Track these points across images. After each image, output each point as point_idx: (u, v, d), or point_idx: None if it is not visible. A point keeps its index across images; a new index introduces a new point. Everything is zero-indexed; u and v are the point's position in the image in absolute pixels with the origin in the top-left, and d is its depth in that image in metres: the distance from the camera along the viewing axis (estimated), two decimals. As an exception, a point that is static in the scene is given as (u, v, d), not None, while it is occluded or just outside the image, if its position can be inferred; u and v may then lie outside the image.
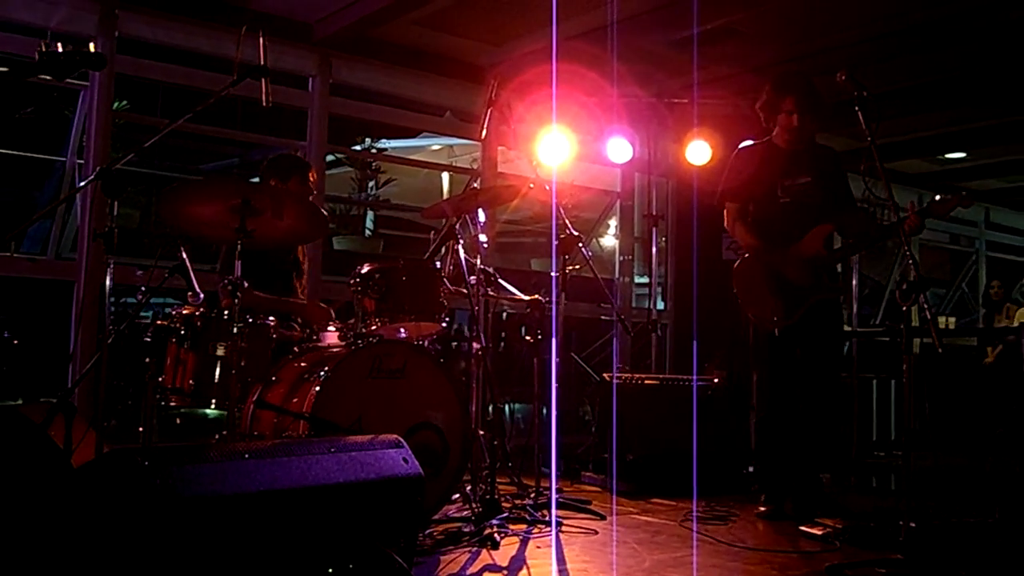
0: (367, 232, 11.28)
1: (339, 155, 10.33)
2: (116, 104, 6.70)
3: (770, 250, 4.92)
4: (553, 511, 4.62)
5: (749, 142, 5.20)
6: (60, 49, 3.52)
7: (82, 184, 4.26)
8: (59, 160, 7.44)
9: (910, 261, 3.89)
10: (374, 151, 10.74)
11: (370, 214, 11.57)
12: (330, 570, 2.66)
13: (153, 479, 2.28)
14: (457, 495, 4.59)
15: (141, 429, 5.09)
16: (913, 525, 3.82)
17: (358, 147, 10.55)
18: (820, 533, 4.43)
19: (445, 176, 11.60)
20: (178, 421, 7.03)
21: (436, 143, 11.07)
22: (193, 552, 2.35)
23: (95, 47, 3.64)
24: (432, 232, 8.31)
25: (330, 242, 9.52)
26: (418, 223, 12.01)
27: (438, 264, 4.67)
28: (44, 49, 3.51)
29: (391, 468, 2.90)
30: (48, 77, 3.66)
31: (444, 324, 4.57)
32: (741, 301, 5.03)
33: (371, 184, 11.19)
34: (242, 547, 2.46)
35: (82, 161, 6.42)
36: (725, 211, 5.13)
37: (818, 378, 4.91)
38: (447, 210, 4.92)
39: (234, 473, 2.47)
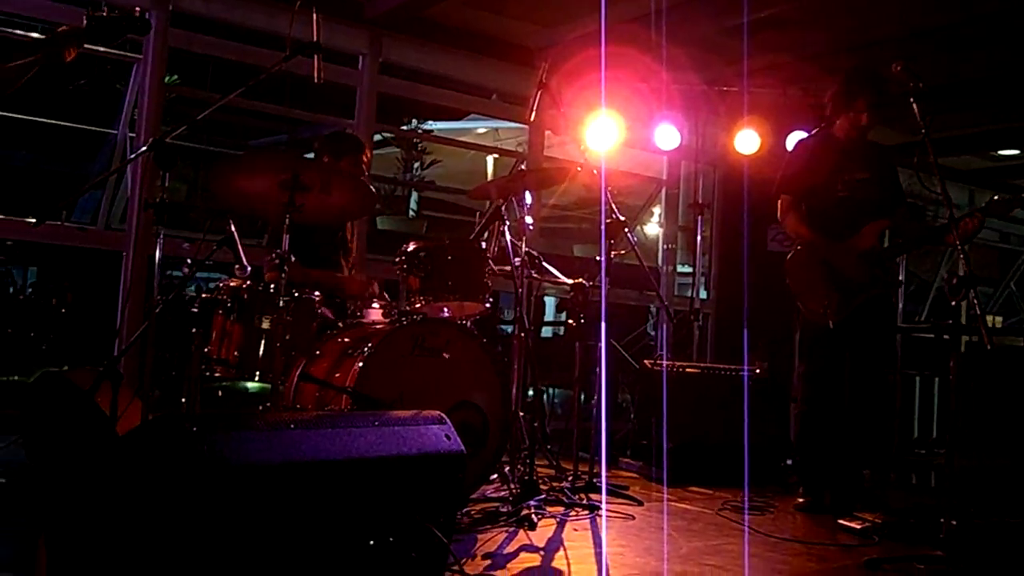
0: (411, 213, 11.32)
1: (385, 135, 10.34)
2: (168, 78, 6.75)
3: (826, 243, 4.88)
4: (604, 495, 4.65)
5: (803, 135, 5.15)
6: (106, 14, 3.56)
7: (134, 155, 4.31)
8: (111, 132, 7.53)
9: (961, 257, 3.84)
10: (420, 132, 10.76)
11: (414, 195, 11.61)
12: (371, 542, 2.68)
13: (200, 445, 2.30)
14: (495, 475, 4.61)
15: (184, 399, 5.16)
16: (954, 523, 3.78)
17: (405, 127, 10.56)
18: (859, 527, 4.39)
19: (490, 159, 11.61)
20: (220, 394, 7.10)
21: (482, 126, 11.07)
22: (236, 519, 2.37)
23: (141, 12, 3.69)
24: (478, 214, 8.34)
25: (373, 222, 9.56)
26: (461, 205, 12.05)
27: (483, 245, 4.68)
28: (92, 14, 3.55)
29: (433, 444, 2.91)
30: (100, 48, 3.70)
31: (488, 305, 4.58)
32: (793, 293, 4.99)
33: (416, 165, 11.22)
34: (285, 516, 2.48)
35: (133, 134, 6.48)
36: (779, 202, 5.08)
37: (865, 374, 4.87)
38: (493, 191, 4.92)
39: (279, 442, 2.49)
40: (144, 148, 4.15)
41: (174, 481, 2.33)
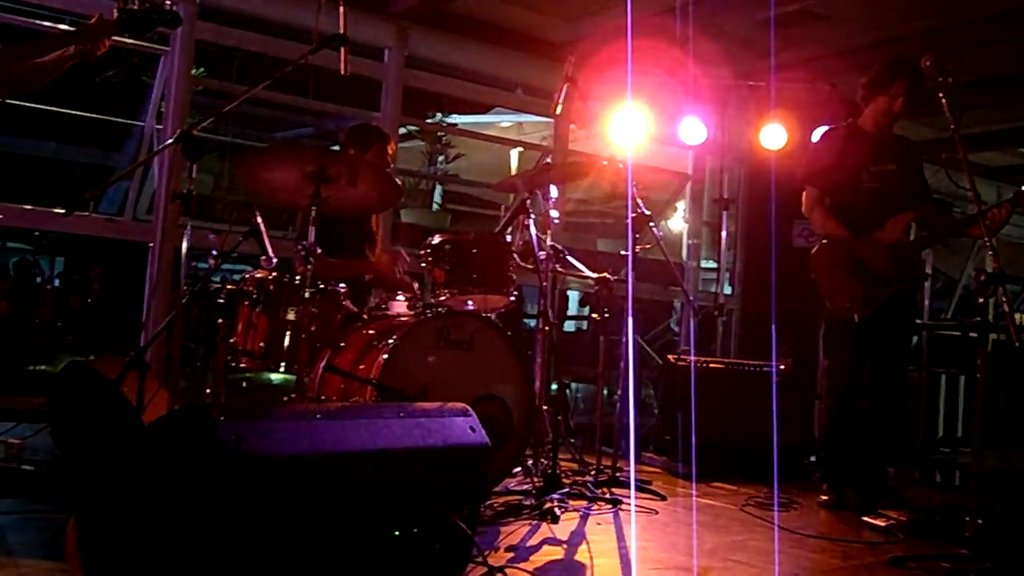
0: (435, 206, 11.33)
1: (410, 128, 10.36)
2: (194, 70, 6.78)
3: (851, 237, 4.84)
4: (632, 490, 4.67)
5: (829, 126, 5.11)
6: (137, 7, 3.59)
7: (162, 147, 4.34)
8: (138, 124, 7.58)
9: (990, 252, 3.80)
10: (445, 125, 10.76)
11: (438, 188, 11.62)
12: (396, 533, 2.69)
13: (226, 435, 2.31)
14: (518, 468, 4.61)
15: (209, 390, 5.19)
16: (980, 522, 3.76)
17: (429, 120, 10.57)
18: (883, 524, 4.38)
19: (514, 153, 11.60)
20: (244, 385, 7.14)
21: (506, 120, 11.06)
22: (261, 509, 2.38)
23: (171, 6, 3.71)
24: (502, 208, 8.34)
25: (397, 215, 9.58)
26: (485, 199, 12.05)
27: (508, 238, 4.68)
28: (123, 6, 3.58)
29: (458, 436, 2.92)
30: (128, 40, 3.72)
31: (512, 298, 4.58)
32: (819, 287, 4.96)
33: (440, 158, 11.23)
34: (309, 507, 2.49)
35: (160, 126, 6.52)
36: (805, 194, 5.05)
37: (889, 369, 4.84)
38: (519, 185, 4.92)
39: (305, 433, 2.49)
40: (171, 140, 4.18)
41: (200, 471, 2.35)
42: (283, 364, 4.26)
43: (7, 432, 4.59)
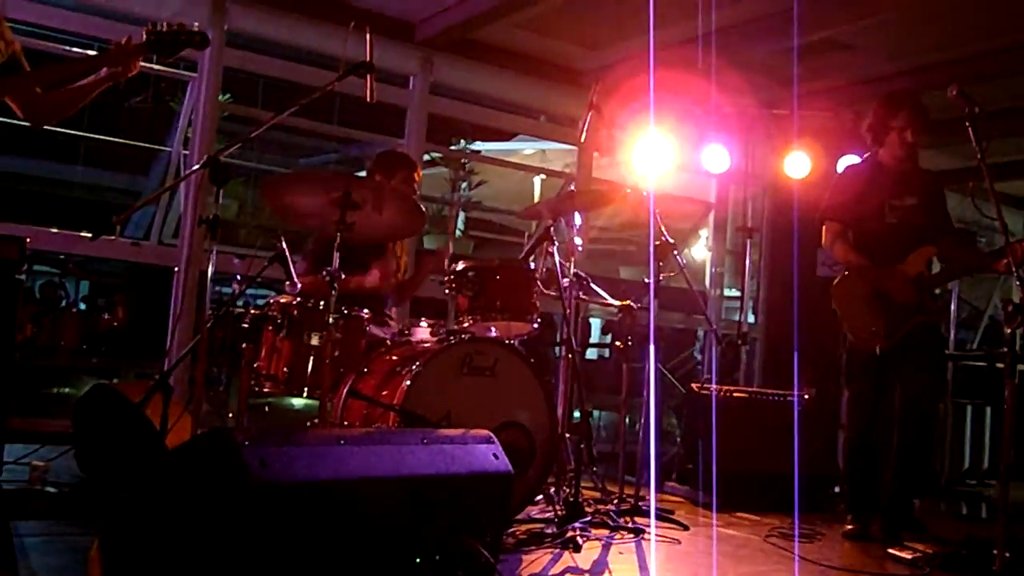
0: (458, 233, 11.36)
1: (433, 154, 10.42)
2: (220, 96, 6.85)
3: (874, 269, 4.82)
4: (652, 519, 4.62)
5: (854, 159, 5.10)
6: (165, 28, 3.63)
7: (189, 172, 4.38)
8: (164, 149, 7.66)
9: (1017, 282, 3.77)
10: (468, 152, 10.82)
11: (461, 215, 11.66)
12: (417, 560, 2.68)
13: (251, 459, 2.32)
14: (540, 496, 4.59)
15: (231, 414, 5.21)
16: (1008, 555, 3.71)
17: (453, 147, 10.62)
18: (909, 557, 4.33)
19: (537, 181, 11.63)
20: (266, 409, 7.16)
21: (529, 147, 11.10)
22: (285, 533, 2.38)
23: (198, 28, 3.76)
24: (525, 235, 8.36)
25: (420, 241, 9.60)
26: (508, 226, 12.08)
27: (532, 265, 4.68)
28: (152, 29, 3.63)
29: (481, 463, 2.92)
30: (156, 67, 3.77)
31: (535, 325, 4.58)
32: (841, 318, 4.93)
33: (463, 185, 11.28)
34: (332, 532, 2.49)
35: (187, 152, 6.57)
36: (825, 228, 5.03)
37: (916, 401, 4.79)
38: (543, 212, 4.92)
39: (329, 458, 2.50)
40: (199, 165, 4.22)
41: (224, 494, 2.35)
42: (306, 389, 4.28)
43: (31, 454, 4.62)
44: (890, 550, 4.46)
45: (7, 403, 4.39)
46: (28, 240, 4.49)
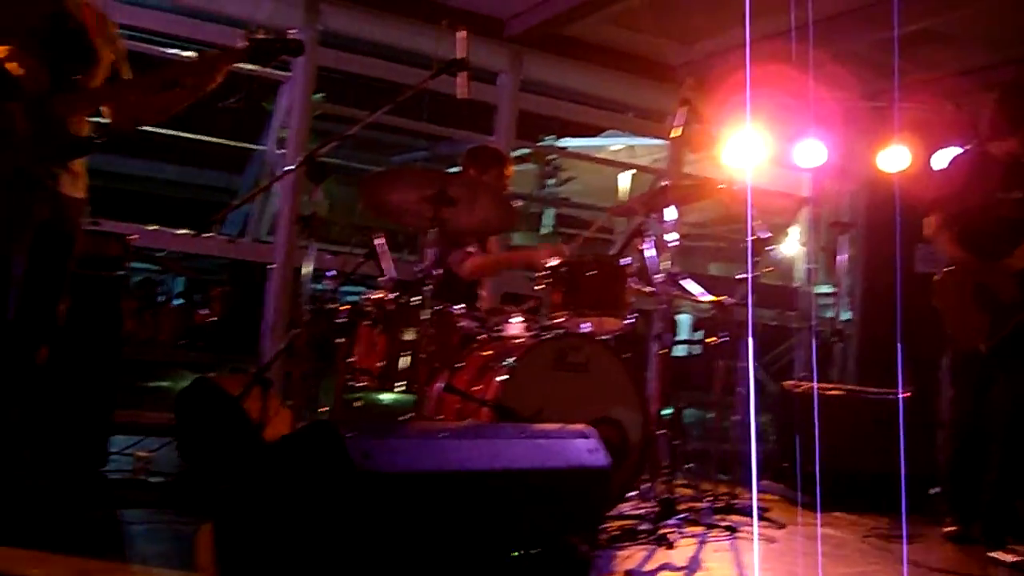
0: (545, 229, 11.37)
1: (521, 151, 10.43)
2: (313, 95, 6.96)
3: (978, 264, 4.68)
4: (756, 517, 4.57)
5: (958, 150, 4.96)
6: (263, 36, 3.69)
7: (287, 170, 4.46)
8: (258, 148, 7.79)
9: None
10: (557, 148, 10.81)
11: (549, 211, 11.66)
12: (515, 553, 2.69)
13: (355, 451, 2.35)
14: (633, 493, 4.56)
15: (325, 408, 5.28)
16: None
17: (541, 143, 10.63)
18: (1012, 560, 4.21)
19: (625, 177, 11.57)
20: (356, 404, 7.24)
21: (617, 143, 11.04)
22: (387, 524, 2.41)
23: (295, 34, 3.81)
24: (614, 231, 8.32)
25: (509, 237, 9.63)
26: (596, 222, 12.04)
27: (625, 261, 4.66)
28: (250, 36, 3.69)
29: (578, 458, 2.91)
30: (252, 67, 3.84)
31: (629, 321, 4.56)
32: (942, 315, 4.80)
33: (551, 181, 11.28)
34: (433, 523, 2.51)
35: (282, 151, 6.68)
36: (928, 221, 4.90)
37: (1019, 399, 4.65)
38: (636, 207, 4.90)
39: (430, 451, 2.52)
40: (297, 163, 4.30)
41: (328, 485, 2.38)
42: (401, 384, 4.32)
43: (134, 445, 4.74)
44: (992, 553, 4.34)
45: (113, 396, 4.53)
46: (131, 237, 4.62)
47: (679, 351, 9.10)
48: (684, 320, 10.57)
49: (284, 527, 2.47)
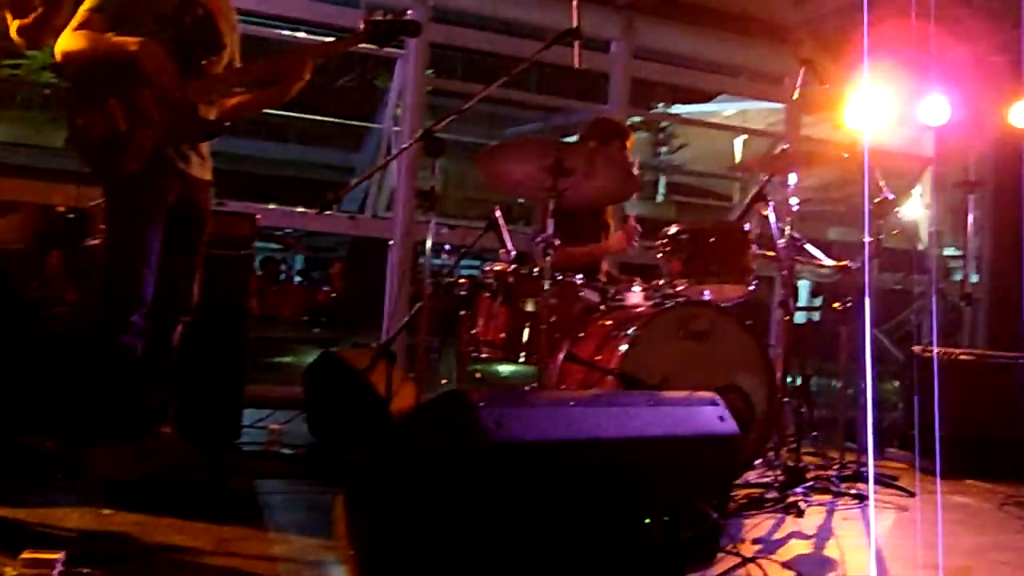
0: (659, 197, 11.28)
1: (632, 118, 10.35)
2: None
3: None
4: (871, 484, 4.48)
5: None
6: (381, 18, 3.74)
7: (406, 146, 4.52)
8: (374, 126, 7.91)
9: None
10: (670, 115, 10.70)
11: (662, 179, 11.56)
12: (646, 521, 2.69)
13: (486, 420, 2.37)
14: (759, 461, 4.52)
15: (445, 380, 5.35)
16: None
17: (653, 110, 10.53)
18: None
19: (738, 143, 11.40)
20: (477, 376, 7.34)
21: (730, 108, 10.88)
22: (518, 492, 2.44)
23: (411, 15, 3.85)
24: (734, 197, 8.22)
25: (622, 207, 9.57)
26: (710, 190, 11.89)
27: (747, 227, 4.60)
28: (368, 18, 3.74)
29: (707, 425, 2.89)
30: (370, 46, 3.90)
31: (751, 288, 4.50)
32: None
33: (663, 149, 11.18)
34: (564, 491, 2.53)
35: (397, 128, 6.75)
36: None
37: None
38: (756, 169, 4.82)
39: (560, 419, 2.54)
40: (414, 139, 4.35)
41: (460, 454, 2.42)
42: (523, 354, 4.35)
43: (266, 419, 4.88)
44: None
45: (243, 371, 4.67)
46: (257, 217, 4.75)
47: (799, 318, 8.96)
48: (802, 286, 10.38)
49: (415, 497, 2.51)
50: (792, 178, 4.66)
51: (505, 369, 8.03)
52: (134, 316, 3.55)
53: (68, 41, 3.51)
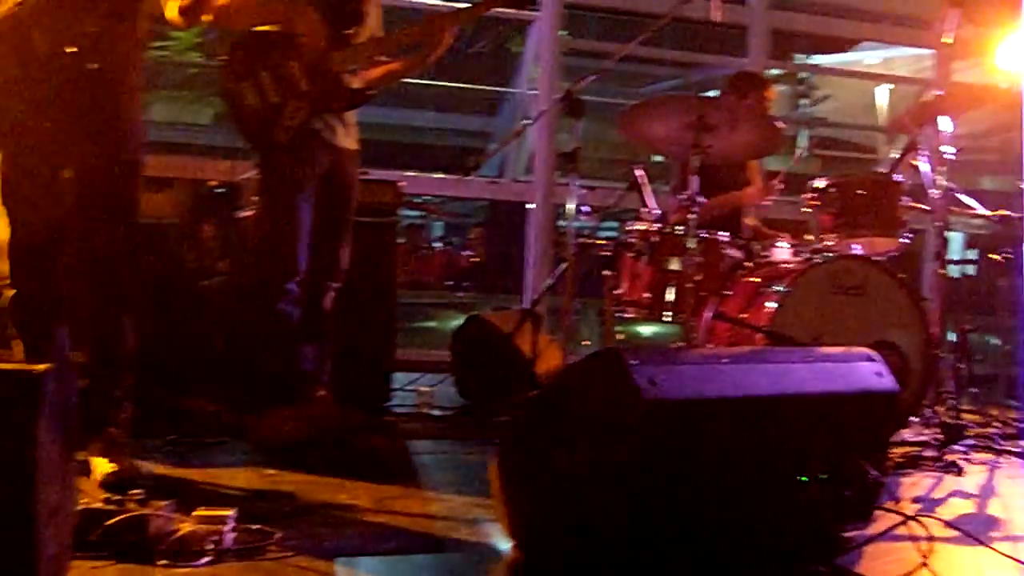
0: (801, 152, 10.99)
1: (773, 71, 10.10)
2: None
3: None
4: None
5: None
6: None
7: (549, 107, 4.53)
8: (509, 91, 7.93)
9: None
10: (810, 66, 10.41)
11: (803, 133, 11.26)
12: (802, 479, 2.66)
13: (640, 378, 2.37)
14: (915, 418, 4.40)
15: (587, 342, 5.36)
16: None
17: (792, 62, 10.25)
18: None
19: (882, 92, 11.02)
20: (620, 337, 7.33)
21: (873, 56, 10.52)
22: (673, 450, 2.43)
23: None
24: (882, 149, 7.96)
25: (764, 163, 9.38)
26: (854, 142, 11.53)
27: (898, 178, 4.45)
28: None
29: (864, 382, 2.82)
30: (505, 9, 3.90)
31: (904, 241, 4.37)
32: None
33: (804, 102, 10.89)
34: (719, 449, 2.51)
35: (534, 91, 6.74)
36: None
37: None
38: (907, 120, 4.66)
39: (713, 376, 2.52)
40: (555, 100, 4.35)
41: (615, 412, 2.43)
42: (668, 314, 4.32)
43: (414, 382, 4.98)
44: None
45: (393, 336, 4.78)
46: (401, 184, 4.83)
47: (954, 271, 8.64)
48: (956, 238, 9.99)
49: (569, 456, 2.54)
50: (946, 125, 4.48)
51: (646, 330, 8.00)
52: (290, 284, 3.67)
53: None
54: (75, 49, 2.91)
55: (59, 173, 3.04)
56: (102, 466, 2.95)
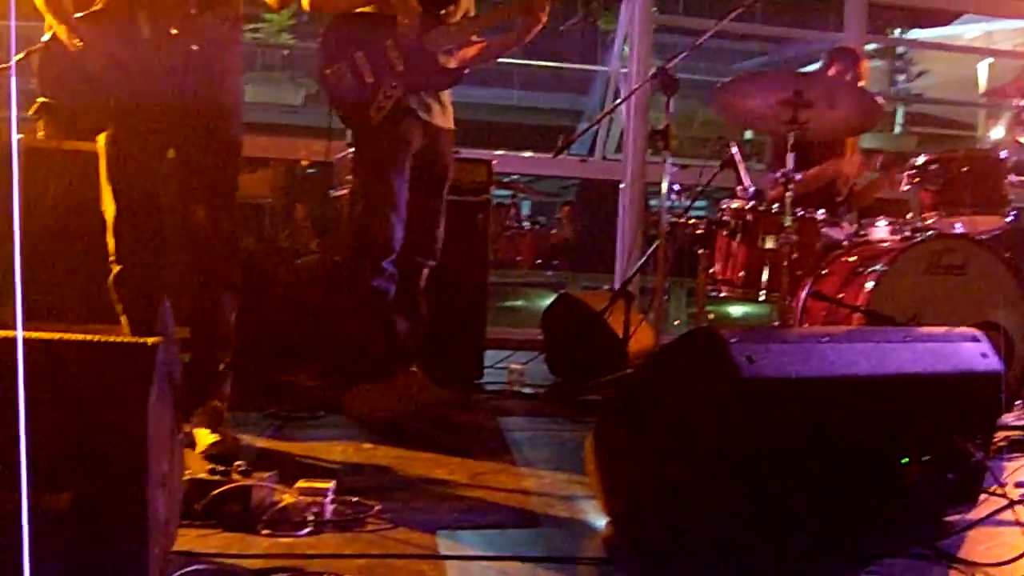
0: (897, 128, 10.75)
1: (870, 46, 9.88)
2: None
3: None
4: None
5: None
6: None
7: (642, 83, 4.50)
8: (600, 69, 7.88)
9: None
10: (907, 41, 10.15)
11: (900, 110, 11.00)
12: (904, 460, 2.62)
13: (738, 356, 2.35)
14: (1019, 402, 4.28)
15: (675, 322, 5.32)
16: None
17: (891, 37, 10.02)
18: None
19: (983, 66, 10.70)
20: (711, 317, 7.28)
21: (973, 29, 10.22)
22: (771, 430, 2.41)
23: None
24: (981, 125, 7.74)
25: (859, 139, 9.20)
26: (953, 119, 11.22)
27: (1002, 154, 4.33)
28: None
29: (968, 362, 2.76)
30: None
31: (1009, 219, 4.25)
32: None
33: (901, 77, 10.62)
34: (818, 429, 2.48)
35: (625, 69, 6.69)
36: None
37: None
38: (1010, 92, 4.52)
39: (813, 356, 2.48)
40: (648, 78, 4.32)
41: (713, 390, 2.42)
42: (763, 293, 4.28)
43: (505, 360, 5.01)
44: None
45: (484, 313, 4.81)
46: (493, 163, 4.85)
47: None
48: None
49: (665, 434, 2.53)
50: (1055, 98, 4.35)
51: (736, 310, 7.92)
52: (385, 262, 3.72)
53: None
54: (177, 31, 2.98)
55: (163, 153, 3.13)
56: (205, 438, 3.03)
